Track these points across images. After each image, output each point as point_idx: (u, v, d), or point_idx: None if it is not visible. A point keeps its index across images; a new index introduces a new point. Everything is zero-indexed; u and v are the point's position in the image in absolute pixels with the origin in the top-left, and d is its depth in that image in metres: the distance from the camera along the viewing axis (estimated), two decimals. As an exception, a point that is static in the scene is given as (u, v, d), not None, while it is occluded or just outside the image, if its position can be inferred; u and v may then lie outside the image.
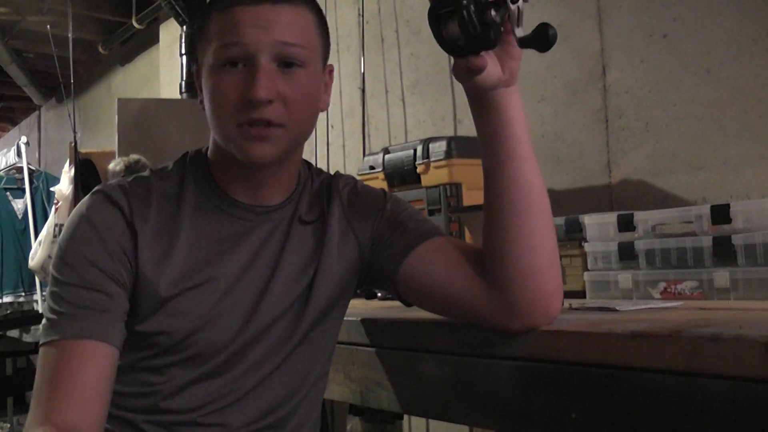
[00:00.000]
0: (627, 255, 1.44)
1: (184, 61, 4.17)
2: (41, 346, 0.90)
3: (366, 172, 2.09)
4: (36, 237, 3.92)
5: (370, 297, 1.60)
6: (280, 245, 1.00)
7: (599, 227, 1.51)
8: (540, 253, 0.89)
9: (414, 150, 1.96)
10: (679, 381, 0.77)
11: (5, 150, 4.60)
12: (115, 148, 3.40)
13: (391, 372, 1.16)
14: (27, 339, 3.76)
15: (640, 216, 1.45)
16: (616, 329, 0.86)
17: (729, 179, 1.79)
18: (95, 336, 0.88)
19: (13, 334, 3.94)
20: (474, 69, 0.84)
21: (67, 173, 3.53)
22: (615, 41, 2.08)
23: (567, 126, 2.21)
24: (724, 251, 1.30)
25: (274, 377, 0.99)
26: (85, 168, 3.46)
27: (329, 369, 1.10)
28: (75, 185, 3.31)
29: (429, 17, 0.83)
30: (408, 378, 1.12)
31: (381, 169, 2.04)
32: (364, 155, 2.57)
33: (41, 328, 0.91)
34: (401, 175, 1.99)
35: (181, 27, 4.20)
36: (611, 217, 1.50)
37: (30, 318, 3.86)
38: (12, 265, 4.15)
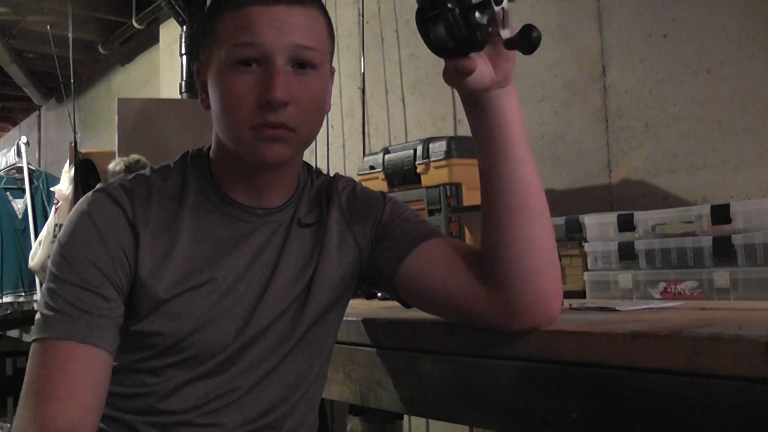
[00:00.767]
0: (627, 255, 1.44)
1: (184, 61, 4.17)
2: (35, 341, 0.88)
3: (366, 172, 2.09)
4: (36, 237, 3.92)
5: (370, 297, 1.60)
6: (279, 248, 0.99)
7: (599, 227, 1.51)
8: (539, 254, 0.89)
9: (414, 150, 1.96)
10: (679, 381, 0.77)
11: (5, 150, 4.60)
12: (115, 148, 3.40)
13: (391, 372, 1.16)
14: (27, 339, 3.76)
15: (640, 216, 1.45)
16: (616, 329, 0.85)
17: (729, 179, 1.79)
18: (93, 342, 0.87)
19: (13, 334, 3.95)
20: (462, 71, 0.83)
21: (67, 173, 3.53)
22: (615, 41, 2.08)
23: (567, 126, 2.21)
24: (724, 251, 1.30)
25: (271, 378, 0.98)
26: (85, 168, 3.46)
27: (327, 370, 1.10)
28: (75, 185, 3.31)
29: (416, 20, 0.83)
30: (408, 378, 1.12)
31: (381, 169, 2.04)
32: (364, 155, 2.57)
33: (35, 322, 0.89)
34: (401, 175, 1.99)
35: (181, 27, 4.20)
36: (611, 217, 1.50)
37: (30, 318, 3.85)
38: (12, 265, 4.14)
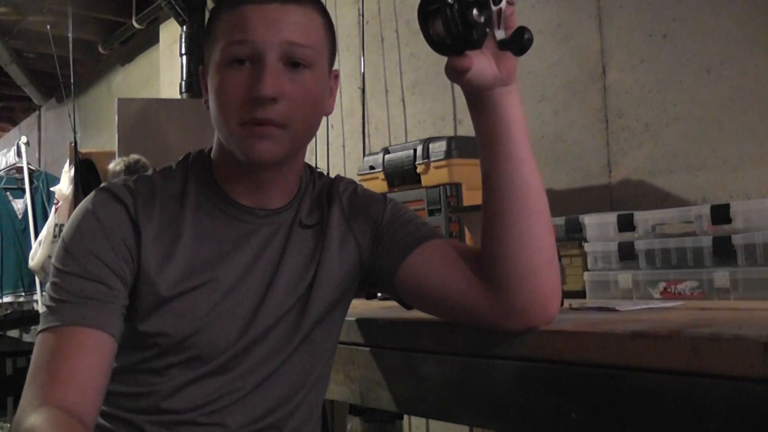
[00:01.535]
0: (627, 255, 1.44)
1: (184, 61, 4.17)
2: (39, 332, 0.89)
3: (366, 172, 2.09)
4: (36, 237, 3.92)
5: (370, 297, 1.60)
6: (280, 249, 1.00)
7: (599, 227, 1.51)
8: (538, 254, 0.89)
9: (414, 150, 1.96)
10: (679, 381, 0.77)
11: (5, 150, 4.60)
12: (115, 148, 3.40)
13: (391, 372, 1.16)
14: (27, 339, 3.77)
15: (640, 216, 1.45)
16: (616, 329, 0.85)
17: (729, 179, 1.79)
18: (96, 325, 0.87)
19: (13, 334, 3.95)
20: (458, 69, 0.83)
21: (67, 173, 3.53)
22: (615, 41, 2.08)
23: (567, 126, 2.21)
24: (724, 251, 1.30)
25: (274, 378, 0.99)
26: (85, 168, 3.46)
27: (330, 370, 1.10)
28: (75, 185, 3.32)
29: (418, 15, 0.83)
30: (408, 378, 1.12)
31: (381, 169, 2.04)
32: (364, 155, 2.57)
33: (41, 317, 0.90)
34: (401, 175, 1.99)
35: (181, 27, 4.20)
36: (611, 217, 1.50)
37: (30, 318, 3.86)
38: (12, 265, 4.15)
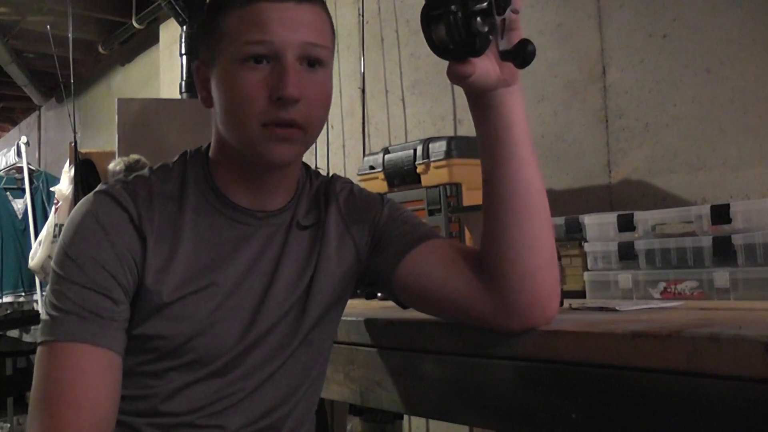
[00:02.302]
0: (627, 255, 1.44)
1: (184, 61, 4.16)
2: (42, 343, 0.87)
3: (366, 172, 2.09)
4: (36, 237, 3.92)
5: (370, 297, 1.60)
6: (278, 251, 0.99)
7: (599, 227, 1.51)
8: (538, 254, 0.89)
9: (414, 150, 1.96)
10: (679, 381, 0.77)
11: (5, 150, 4.60)
12: (115, 148, 3.40)
13: (391, 372, 1.16)
14: (27, 339, 3.76)
15: (640, 216, 1.45)
16: (616, 329, 0.85)
17: (729, 179, 1.79)
18: (107, 344, 0.87)
19: (13, 334, 3.94)
20: (459, 75, 0.83)
21: (67, 173, 3.52)
22: (615, 41, 2.08)
23: (567, 126, 2.21)
24: (724, 251, 1.30)
25: (273, 380, 0.98)
26: (85, 168, 3.46)
27: (326, 369, 1.10)
28: (75, 185, 3.31)
29: (421, 17, 0.83)
30: (408, 378, 1.12)
31: (381, 169, 2.04)
32: (364, 155, 2.56)
33: (41, 323, 0.88)
34: (401, 175, 1.99)
35: (181, 27, 4.20)
36: (611, 217, 1.50)
37: (30, 318, 3.86)
38: (12, 265, 4.14)
